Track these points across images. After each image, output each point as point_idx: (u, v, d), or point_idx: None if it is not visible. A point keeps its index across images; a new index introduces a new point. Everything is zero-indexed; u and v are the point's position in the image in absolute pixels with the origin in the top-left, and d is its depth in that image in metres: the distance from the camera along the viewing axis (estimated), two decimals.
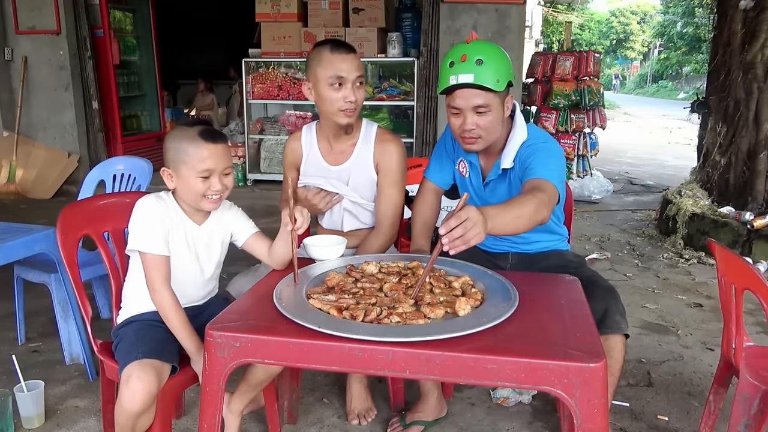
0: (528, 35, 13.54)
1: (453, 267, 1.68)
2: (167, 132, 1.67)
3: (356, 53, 1.92)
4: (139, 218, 1.64)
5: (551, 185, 1.68)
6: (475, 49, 1.72)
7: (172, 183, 1.68)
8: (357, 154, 2.01)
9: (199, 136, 1.61)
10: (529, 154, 1.80)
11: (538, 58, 6.31)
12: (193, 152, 1.61)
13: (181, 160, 1.62)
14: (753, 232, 3.88)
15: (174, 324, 1.62)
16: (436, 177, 2.08)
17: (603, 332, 1.65)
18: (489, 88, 1.70)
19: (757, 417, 1.59)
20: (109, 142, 6.31)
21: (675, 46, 28.30)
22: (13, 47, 5.86)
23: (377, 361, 1.24)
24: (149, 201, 1.66)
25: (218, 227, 1.77)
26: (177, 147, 1.63)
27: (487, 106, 1.73)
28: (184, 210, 1.71)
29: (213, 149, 1.62)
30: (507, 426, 2.11)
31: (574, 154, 6.08)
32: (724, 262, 1.74)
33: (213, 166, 1.63)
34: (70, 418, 2.13)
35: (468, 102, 1.73)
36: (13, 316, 2.72)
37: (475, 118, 1.75)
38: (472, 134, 1.78)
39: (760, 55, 4.04)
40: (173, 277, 1.67)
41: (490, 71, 1.70)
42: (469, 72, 1.69)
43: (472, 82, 1.69)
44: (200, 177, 1.62)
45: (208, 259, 1.77)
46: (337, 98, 1.88)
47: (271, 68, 6.09)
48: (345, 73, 1.86)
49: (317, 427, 2.09)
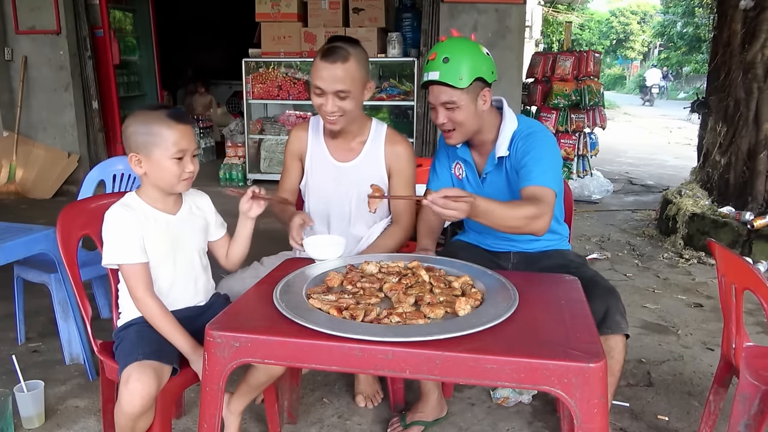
0: (528, 35, 13.52)
1: (453, 267, 1.68)
2: (128, 118, 1.66)
3: (349, 62, 1.81)
4: (110, 230, 1.62)
5: (549, 193, 1.74)
6: (446, 47, 1.82)
7: (141, 168, 1.64)
8: (366, 153, 2.01)
9: (169, 118, 1.60)
10: (525, 151, 1.84)
11: (538, 58, 6.31)
12: (167, 134, 1.59)
13: (154, 143, 1.60)
14: (753, 232, 3.88)
15: (165, 329, 1.61)
16: (438, 186, 2.10)
17: (603, 332, 1.66)
18: (451, 84, 1.78)
19: (757, 417, 1.59)
20: (109, 142, 6.31)
21: (675, 46, 28.28)
22: (13, 47, 5.86)
23: (377, 361, 1.24)
24: (116, 211, 1.64)
25: (194, 214, 1.76)
26: (146, 131, 1.60)
27: (452, 102, 1.81)
28: (154, 205, 1.68)
29: (183, 130, 1.61)
30: (507, 426, 2.11)
31: (574, 154, 6.08)
32: (724, 262, 1.74)
33: (186, 146, 1.62)
34: (70, 418, 2.13)
35: (437, 98, 1.83)
36: (13, 316, 2.72)
37: (446, 113, 1.84)
38: (446, 127, 1.88)
39: (760, 55, 4.04)
40: (164, 278, 1.67)
41: (453, 69, 1.77)
42: (436, 69, 1.79)
43: (437, 79, 1.79)
44: (174, 158, 1.60)
45: (192, 247, 1.75)
46: (317, 105, 1.88)
47: (271, 68, 6.09)
48: (323, 84, 1.83)
49: (317, 427, 2.09)
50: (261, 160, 6.30)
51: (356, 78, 1.84)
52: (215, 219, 1.83)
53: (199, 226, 1.78)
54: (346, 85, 1.82)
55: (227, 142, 6.49)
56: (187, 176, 1.65)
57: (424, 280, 1.56)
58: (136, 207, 1.67)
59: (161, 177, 1.64)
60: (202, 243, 1.79)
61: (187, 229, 1.73)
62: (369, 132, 2.02)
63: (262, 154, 6.29)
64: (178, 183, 1.65)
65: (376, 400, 2.20)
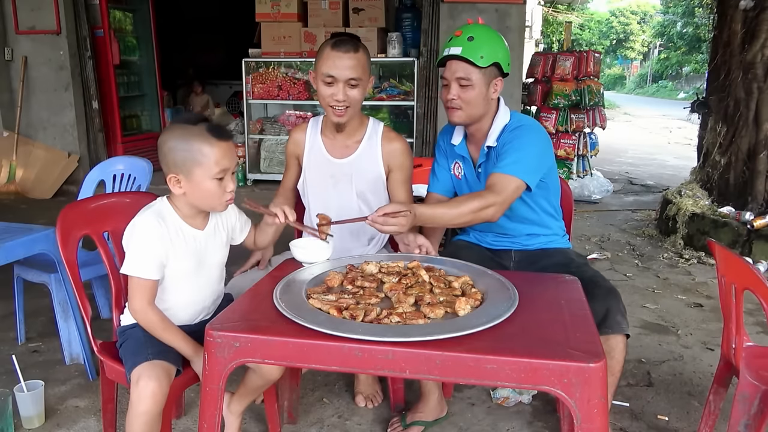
0: (528, 35, 13.53)
1: (453, 267, 1.68)
2: (164, 132, 1.54)
3: (359, 53, 1.89)
4: (136, 240, 1.53)
5: (512, 181, 1.80)
6: (473, 29, 1.89)
7: (181, 189, 1.54)
8: (363, 150, 2.03)
9: (210, 134, 1.49)
10: (508, 141, 1.89)
11: (538, 58, 6.31)
12: (208, 152, 1.48)
13: (195, 162, 1.49)
14: (753, 232, 3.88)
15: (166, 337, 1.58)
16: (438, 188, 2.14)
17: (604, 332, 1.66)
18: (471, 61, 1.84)
19: (757, 417, 1.59)
20: (109, 142, 6.31)
21: (675, 46, 28.29)
22: (13, 47, 5.86)
23: (377, 361, 1.24)
24: (149, 223, 1.54)
25: (220, 229, 1.71)
26: (186, 147, 1.49)
27: (468, 80, 1.86)
28: (185, 219, 1.61)
29: (226, 147, 1.52)
30: (507, 426, 2.11)
31: (574, 154, 6.08)
32: (724, 262, 1.74)
33: (228, 165, 1.53)
34: (70, 418, 2.13)
35: (453, 73, 1.88)
36: (13, 316, 2.72)
37: (458, 90, 1.88)
38: (454, 104, 1.90)
39: (760, 55, 4.04)
40: (183, 293, 1.64)
41: (476, 48, 1.84)
42: (459, 45, 1.86)
43: (459, 54, 1.85)
44: (216, 179, 1.51)
45: (214, 263, 1.71)
46: (327, 95, 1.90)
47: (271, 68, 6.09)
48: (336, 72, 1.86)
49: (317, 427, 2.09)
50: (261, 160, 6.30)
51: (365, 68, 1.92)
52: (238, 222, 1.77)
53: (223, 240, 1.72)
54: (358, 73, 1.88)
55: None
56: (229, 197, 1.57)
57: (424, 280, 1.56)
58: (168, 218, 1.58)
59: (202, 198, 1.56)
60: (224, 257, 1.74)
61: (211, 245, 1.67)
62: (366, 130, 2.04)
63: (262, 154, 6.29)
64: (218, 204, 1.58)
65: (376, 400, 2.21)
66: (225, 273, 1.79)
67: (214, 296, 1.75)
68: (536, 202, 1.99)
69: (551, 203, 2.05)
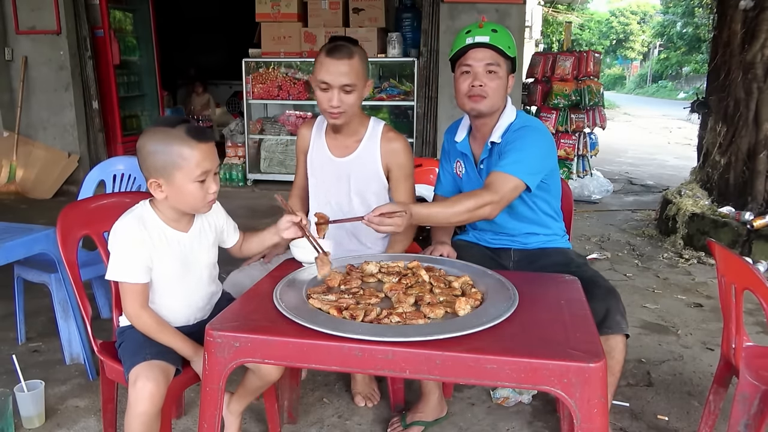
0: (528, 35, 13.55)
1: (453, 267, 1.68)
2: (143, 135, 1.51)
3: (354, 59, 1.88)
4: (118, 245, 1.52)
5: (510, 180, 1.80)
6: (492, 24, 1.94)
7: (162, 193, 1.52)
8: (362, 150, 2.04)
9: (190, 136, 1.46)
10: (511, 140, 1.90)
11: (538, 58, 6.31)
12: (189, 154, 1.46)
13: (176, 165, 1.47)
14: (753, 232, 3.88)
15: (164, 339, 1.58)
16: (445, 189, 2.16)
17: (604, 332, 1.66)
18: (501, 50, 1.87)
19: (757, 417, 1.59)
20: (109, 142, 6.31)
21: (675, 46, 28.29)
22: (13, 47, 5.86)
23: (377, 360, 1.24)
24: (129, 227, 1.53)
25: (206, 230, 1.68)
26: (166, 150, 1.46)
27: (497, 65, 1.88)
28: (168, 222, 1.58)
29: (206, 148, 1.49)
30: (507, 426, 2.11)
31: (574, 154, 6.08)
32: (724, 262, 1.74)
33: (210, 167, 1.51)
34: (70, 418, 2.13)
35: (480, 60, 1.88)
36: (13, 316, 2.72)
37: (486, 78, 1.88)
38: (480, 92, 1.89)
39: (760, 55, 4.04)
40: (174, 296, 1.64)
41: (503, 38, 1.89)
42: (485, 35, 1.88)
43: (488, 41, 1.87)
44: (197, 181, 1.49)
45: (202, 265, 1.68)
46: (323, 100, 1.92)
47: (271, 68, 6.09)
48: (330, 78, 1.87)
49: (317, 427, 2.10)
50: (261, 160, 6.30)
51: (360, 74, 1.91)
52: (227, 226, 1.76)
53: (211, 241, 1.69)
54: (352, 80, 1.88)
55: (227, 142, 6.49)
56: (211, 198, 1.56)
57: (424, 280, 1.56)
58: (150, 223, 1.56)
59: (185, 201, 1.54)
60: (213, 258, 1.72)
61: (198, 246, 1.65)
62: (366, 129, 2.05)
63: (262, 154, 6.29)
64: (202, 206, 1.57)
65: (374, 399, 2.21)
66: (218, 272, 1.78)
67: (207, 297, 1.74)
68: (536, 203, 2.00)
69: (551, 205, 2.05)
